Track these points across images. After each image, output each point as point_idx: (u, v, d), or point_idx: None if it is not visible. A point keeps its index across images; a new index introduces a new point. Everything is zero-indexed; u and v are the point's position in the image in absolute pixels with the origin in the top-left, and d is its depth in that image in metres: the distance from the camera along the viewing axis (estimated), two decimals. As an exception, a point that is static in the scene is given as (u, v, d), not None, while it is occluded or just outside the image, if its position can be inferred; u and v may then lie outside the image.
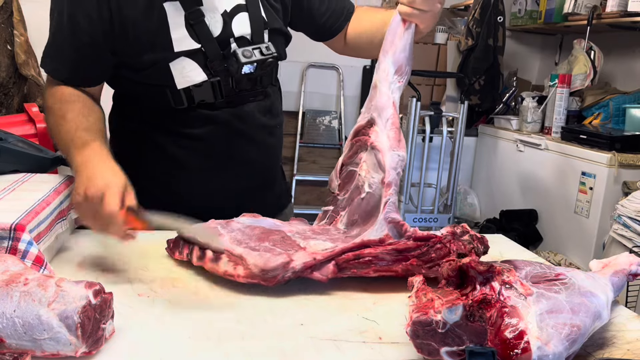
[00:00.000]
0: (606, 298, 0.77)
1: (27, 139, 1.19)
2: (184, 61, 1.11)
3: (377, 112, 1.01)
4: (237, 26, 1.15)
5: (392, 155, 0.97)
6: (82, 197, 0.93)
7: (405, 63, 1.03)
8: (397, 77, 1.02)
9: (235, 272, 0.89)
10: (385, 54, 1.04)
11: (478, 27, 3.64)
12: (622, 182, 2.69)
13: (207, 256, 0.93)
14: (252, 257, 0.89)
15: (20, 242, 0.83)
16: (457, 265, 0.74)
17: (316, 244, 0.94)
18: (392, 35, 1.05)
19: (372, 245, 0.92)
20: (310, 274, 0.90)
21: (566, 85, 3.17)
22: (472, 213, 3.78)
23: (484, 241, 1.00)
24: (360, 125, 1.06)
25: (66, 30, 1.09)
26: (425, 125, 3.22)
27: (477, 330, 0.67)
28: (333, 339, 0.77)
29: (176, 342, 0.74)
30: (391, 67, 1.02)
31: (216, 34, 1.12)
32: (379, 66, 1.05)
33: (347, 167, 1.11)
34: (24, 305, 0.65)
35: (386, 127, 1.00)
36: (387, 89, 1.02)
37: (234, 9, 1.15)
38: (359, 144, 1.07)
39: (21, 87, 2.61)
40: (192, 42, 1.10)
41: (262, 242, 0.95)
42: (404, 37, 1.04)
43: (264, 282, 0.88)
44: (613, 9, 3.00)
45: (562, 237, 3.03)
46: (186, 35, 1.10)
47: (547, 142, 3.15)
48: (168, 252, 1.02)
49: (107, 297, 0.71)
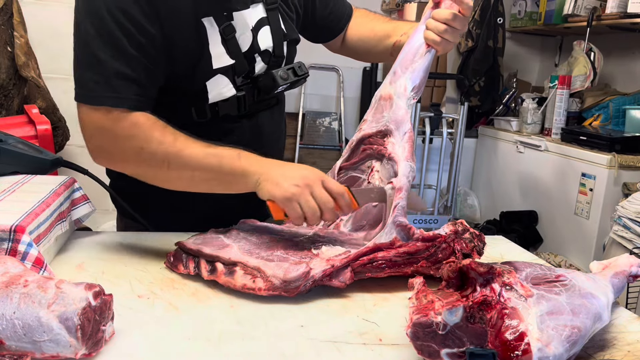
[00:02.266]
0: (607, 299, 0.77)
1: (27, 141, 1.19)
2: (218, 78, 1.08)
3: (394, 125, 1.05)
4: (261, 40, 1.14)
5: (405, 165, 1.00)
6: (300, 187, 0.92)
7: (422, 83, 1.08)
8: (413, 93, 1.06)
9: (256, 286, 0.86)
10: (404, 70, 1.07)
11: (478, 29, 3.64)
12: (622, 183, 2.69)
13: (218, 270, 0.90)
14: (270, 268, 0.87)
15: (20, 244, 0.83)
16: (457, 266, 0.74)
17: (328, 250, 0.94)
18: (413, 55, 1.08)
19: (384, 249, 0.92)
20: (328, 281, 0.89)
21: (566, 86, 3.17)
22: (472, 214, 3.78)
23: (482, 238, 1.02)
24: (367, 133, 1.08)
25: (125, 52, 0.96)
26: (425, 127, 3.22)
27: (478, 331, 0.67)
28: (333, 340, 0.77)
29: (176, 343, 0.74)
30: (410, 84, 1.06)
31: (244, 49, 1.11)
32: (395, 81, 1.07)
33: (347, 172, 1.12)
34: (24, 307, 0.65)
35: (403, 139, 1.04)
36: (404, 103, 1.05)
37: (258, 23, 1.14)
38: (369, 152, 1.08)
39: (21, 88, 2.61)
40: (228, 59, 1.08)
41: (273, 250, 0.93)
42: (425, 59, 1.07)
43: (286, 294, 0.86)
44: (613, 10, 3.01)
45: (562, 239, 3.03)
46: (223, 52, 1.07)
47: (547, 144, 3.15)
48: (168, 267, 0.97)
49: (107, 298, 0.70)
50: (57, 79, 3.13)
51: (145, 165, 0.97)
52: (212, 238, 0.98)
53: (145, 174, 1.00)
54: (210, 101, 1.09)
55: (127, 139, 0.96)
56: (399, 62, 1.09)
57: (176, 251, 0.98)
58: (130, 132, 0.95)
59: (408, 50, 1.09)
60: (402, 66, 1.08)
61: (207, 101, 1.08)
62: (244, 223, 1.07)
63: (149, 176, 0.99)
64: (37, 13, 3.03)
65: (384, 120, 1.07)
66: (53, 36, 3.09)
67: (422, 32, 1.08)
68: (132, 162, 0.98)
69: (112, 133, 0.96)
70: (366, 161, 1.10)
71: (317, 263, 0.89)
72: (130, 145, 0.96)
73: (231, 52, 1.08)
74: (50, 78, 3.01)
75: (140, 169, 0.99)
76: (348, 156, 1.12)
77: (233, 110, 1.12)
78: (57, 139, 2.70)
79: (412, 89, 1.06)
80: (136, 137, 0.95)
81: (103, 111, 0.95)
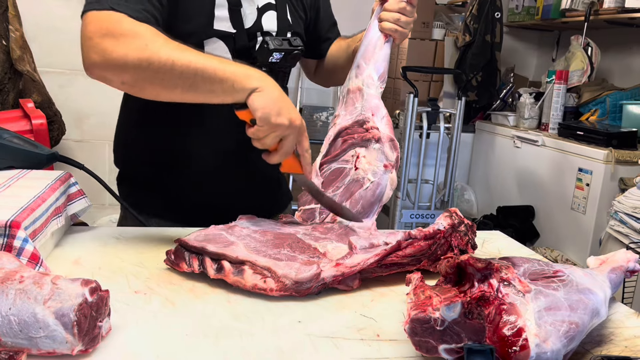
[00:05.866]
0: (604, 295, 0.77)
1: (23, 135, 1.18)
2: (216, 42, 1.13)
3: (370, 112, 1.13)
4: (265, 21, 1.20)
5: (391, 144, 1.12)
6: (285, 126, 0.95)
7: (385, 71, 1.17)
8: (379, 82, 1.15)
9: (267, 286, 0.86)
10: (367, 62, 1.16)
11: (475, 23, 3.63)
12: (619, 178, 2.70)
13: (226, 268, 0.88)
14: (280, 268, 0.86)
15: (15, 239, 0.83)
16: (455, 262, 0.74)
17: (334, 249, 0.95)
18: (374, 47, 1.17)
19: (393, 253, 0.94)
20: (337, 284, 0.90)
21: (563, 81, 3.17)
22: (469, 209, 3.78)
23: (474, 229, 1.05)
24: (344, 126, 1.16)
25: None
26: (422, 122, 3.22)
27: (476, 327, 0.67)
28: (331, 336, 0.76)
29: (173, 339, 0.73)
30: (374, 73, 1.15)
31: (247, 26, 1.17)
32: (361, 73, 1.16)
33: (329, 165, 1.16)
34: (20, 303, 0.65)
35: (382, 122, 1.12)
36: (375, 92, 1.14)
37: (265, 5, 1.20)
38: (351, 141, 1.14)
39: (16, 82, 2.60)
40: (229, 26, 1.14)
41: (280, 248, 0.93)
42: (384, 48, 1.17)
43: (296, 294, 0.86)
44: (610, 5, 3.00)
45: (559, 234, 3.04)
46: (226, 17, 1.14)
47: (544, 139, 3.16)
48: (169, 265, 0.94)
49: (103, 294, 0.70)
50: (53, 73, 3.12)
51: (146, 65, 0.91)
52: (214, 235, 0.95)
53: (143, 77, 0.93)
54: None
55: (132, 37, 0.92)
56: (360, 55, 1.18)
57: (177, 248, 0.94)
58: (136, 30, 0.93)
59: (367, 43, 1.17)
60: (365, 58, 1.17)
61: None
62: (242, 219, 1.06)
63: (146, 79, 0.93)
64: (33, 7, 3.01)
65: (358, 110, 1.14)
66: (48, 30, 3.07)
67: (377, 26, 1.17)
68: (132, 64, 0.91)
69: (117, 32, 0.92)
70: (348, 151, 1.14)
71: (327, 266, 0.89)
72: (134, 44, 0.91)
73: (234, 22, 1.14)
74: (46, 72, 2.99)
75: (138, 71, 0.92)
76: (327, 151, 1.17)
77: None
78: (52, 133, 2.69)
79: (378, 78, 1.15)
80: (142, 36, 0.92)
81: (110, 13, 0.93)
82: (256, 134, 0.95)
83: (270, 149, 0.98)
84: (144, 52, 0.91)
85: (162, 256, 0.98)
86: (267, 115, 0.93)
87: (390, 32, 1.15)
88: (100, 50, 0.91)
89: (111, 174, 1.34)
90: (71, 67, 3.14)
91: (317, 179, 1.14)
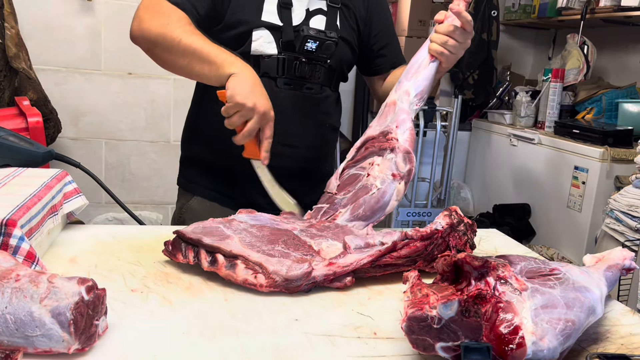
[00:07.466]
0: (600, 293, 0.77)
1: (18, 133, 1.18)
2: (264, 32, 1.26)
3: (395, 124, 1.15)
4: (313, 23, 1.30)
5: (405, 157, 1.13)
6: (253, 109, 1.07)
7: (426, 90, 1.18)
8: (416, 99, 1.17)
9: (257, 282, 0.86)
10: (408, 78, 1.19)
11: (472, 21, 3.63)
12: (615, 176, 2.71)
13: (219, 261, 0.89)
14: (271, 264, 0.87)
15: (11, 238, 0.82)
16: (452, 260, 0.74)
17: (328, 247, 0.95)
18: (418, 65, 1.19)
19: (387, 254, 0.94)
20: (329, 283, 0.90)
21: (559, 79, 3.18)
22: (466, 207, 3.79)
23: (474, 228, 1.05)
24: (370, 135, 1.19)
25: None
26: (419, 120, 3.22)
27: (472, 325, 0.67)
28: (328, 334, 0.76)
29: (170, 338, 0.73)
30: (412, 90, 1.17)
31: (295, 23, 1.28)
32: (399, 89, 1.18)
33: (348, 171, 1.19)
34: (16, 301, 0.65)
35: (404, 135, 1.14)
36: (406, 106, 1.16)
37: (316, 10, 1.31)
38: (371, 149, 1.17)
39: (12, 80, 2.58)
40: (277, 19, 1.26)
41: (274, 244, 0.93)
42: (428, 68, 1.18)
43: (286, 291, 0.87)
44: (607, 3, 3.01)
45: (555, 232, 3.05)
46: (275, 11, 1.26)
47: (540, 137, 3.16)
48: (166, 255, 0.96)
49: (100, 293, 0.70)
50: (49, 70, 3.10)
51: (161, 39, 1.15)
52: (212, 228, 0.96)
53: (159, 48, 1.16)
54: (252, 52, 1.25)
55: (161, 15, 1.16)
56: (404, 74, 1.20)
57: (175, 240, 0.96)
58: (167, 12, 1.17)
59: (413, 63, 1.20)
60: (407, 75, 1.19)
61: (249, 51, 1.25)
62: (242, 213, 1.06)
63: (162, 50, 1.16)
64: (28, 4, 3.00)
65: (387, 122, 1.16)
66: (44, 27, 3.06)
67: (427, 47, 1.18)
68: (153, 35, 1.16)
69: (154, 10, 1.18)
70: (368, 158, 1.17)
71: (319, 264, 0.89)
72: (160, 21, 1.15)
73: (282, 16, 1.26)
74: (42, 70, 2.98)
75: (156, 42, 1.16)
76: (352, 157, 1.20)
77: (272, 70, 1.27)
78: (48, 131, 2.68)
79: (415, 95, 1.16)
80: (168, 16, 1.16)
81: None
82: (225, 111, 1.09)
83: (237, 130, 1.10)
84: (163, 28, 1.14)
85: (159, 255, 0.98)
86: (234, 94, 1.07)
87: (435, 54, 1.16)
88: (138, 19, 1.18)
89: (107, 172, 1.34)
90: (67, 65, 3.13)
91: (335, 182, 1.18)
